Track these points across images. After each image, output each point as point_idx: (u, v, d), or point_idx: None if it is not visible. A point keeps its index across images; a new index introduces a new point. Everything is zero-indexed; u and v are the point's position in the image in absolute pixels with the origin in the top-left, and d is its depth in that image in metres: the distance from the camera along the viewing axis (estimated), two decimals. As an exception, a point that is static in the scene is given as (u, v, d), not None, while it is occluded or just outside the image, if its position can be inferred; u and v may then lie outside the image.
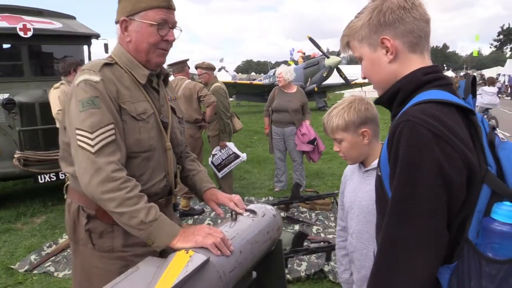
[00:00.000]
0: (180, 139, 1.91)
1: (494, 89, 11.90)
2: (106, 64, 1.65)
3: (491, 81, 12.55)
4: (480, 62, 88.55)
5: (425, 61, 1.22)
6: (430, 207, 1.02)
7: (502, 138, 1.14)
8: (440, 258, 1.05)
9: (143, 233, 1.49)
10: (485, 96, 11.52)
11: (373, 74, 1.27)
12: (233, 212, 1.75)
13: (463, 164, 1.03)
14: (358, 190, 1.91)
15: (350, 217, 1.96)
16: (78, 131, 1.51)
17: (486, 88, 11.93)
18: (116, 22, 1.71)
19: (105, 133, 1.51)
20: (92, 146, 1.49)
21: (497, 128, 1.19)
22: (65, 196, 1.73)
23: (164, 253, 1.65)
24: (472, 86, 1.21)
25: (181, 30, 1.76)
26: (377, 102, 1.32)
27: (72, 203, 1.71)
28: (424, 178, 1.02)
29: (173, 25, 1.69)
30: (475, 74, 29.17)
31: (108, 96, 1.56)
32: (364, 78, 1.33)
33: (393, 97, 1.23)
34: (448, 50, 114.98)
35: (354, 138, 1.82)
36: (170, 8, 1.67)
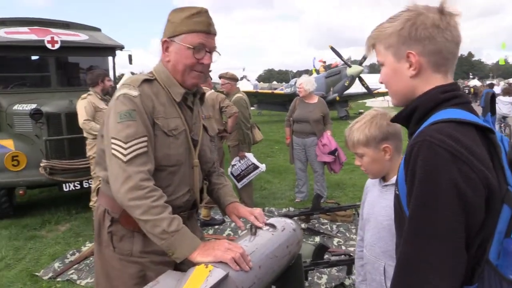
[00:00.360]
0: (209, 157, 1.95)
1: (509, 99, 12.16)
2: (146, 80, 1.74)
3: (507, 91, 12.65)
4: (506, 70, 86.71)
5: (447, 80, 1.19)
6: (447, 228, 1.00)
7: None
8: (458, 279, 1.03)
9: (164, 242, 1.54)
10: (501, 105, 11.78)
11: (392, 83, 1.25)
12: (253, 226, 1.75)
13: (481, 184, 1.01)
14: (375, 204, 1.90)
15: (367, 229, 1.96)
16: (113, 140, 1.61)
17: (502, 97, 12.21)
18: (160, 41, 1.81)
19: (138, 144, 1.60)
20: (125, 155, 1.58)
21: None
22: (91, 203, 1.80)
23: (181, 264, 1.67)
24: (491, 103, 1.19)
25: (219, 54, 1.82)
26: (394, 120, 1.30)
27: (100, 206, 1.81)
28: (441, 199, 1.00)
29: (211, 49, 1.76)
30: (502, 82, 28.49)
31: (144, 110, 1.65)
32: (381, 82, 1.31)
33: (411, 115, 1.21)
34: (473, 59, 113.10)
35: (376, 154, 1.80)
36: (210, 33, 1.74)
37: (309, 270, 3.58)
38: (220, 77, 6.08)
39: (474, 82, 41.31)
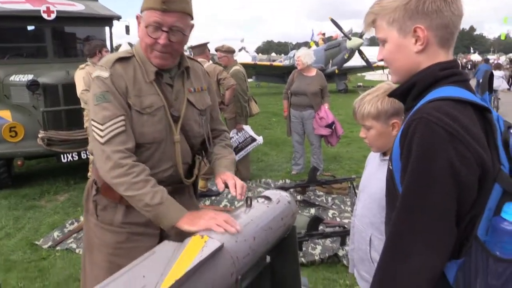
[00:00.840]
0: (197, 131, 1.92)
1: (500, 73, 13.81)
2: (120, 59, 1.73)
3: (497, 66, 14.59)
4: (508, 45, 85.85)
5: (449, 57, 1.19)
6: (440, 205, 1.03)
7: None
8: (447, 254, 1.06)
9: (149, 214, 1.62)
10: (498, 79, 13.00)
11: (396, 59, 1.22)
12: (248, 198, 1.79)
13: (476, 163, 1.03)
14: (372, 176, 1.93)
15: (359, 199, 2.00)
16: (92, 122, 1.67)
17: (494, 71, 13.30)
18: None
19: (114, 125, 1.64)
20: (102, 137, 1.63)
21: None
22: (89, 174, 1.85)
23: (167, 237, 1.73)
24: (489, 82, 1.20)
25: (184, 34, 1.73)
26: (391, 95, 1.30)
27: (91, 176, 1.90)
28: (435, 177, 1.02)
29: (169, 27, 1.67)
30: (503, 57, 28.29)
31: (117, 91, 1.68)
32: (381, 60, 1.29)
33: (408, 91, 1.21)
34: (475, 33, 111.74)
35: (384, 128, 1.80)
36: (166, 11, 1.64)
37: (304, 241, 3.66)
38: (217, 50, 6.05)
39: (475, 57, 40.97)
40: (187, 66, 1.88)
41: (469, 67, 22.36)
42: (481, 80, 1.24)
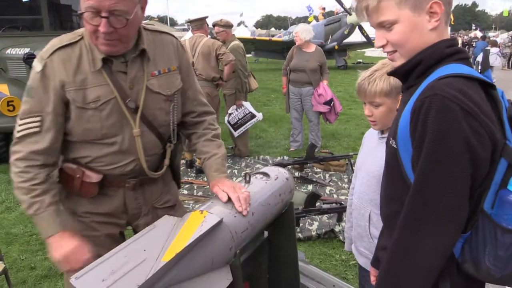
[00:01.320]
0: (163, 119, 1.73)
1: (495, 50, 14.73)
2: (63, 47, 1.55)
3: (493, 43, 15.44)
4: (510, 22, 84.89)
5: (448, 35, 1.20)
6: (457, 181, 1.05)
7: None
8: (460, 229, 1.09)
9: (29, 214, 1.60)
10: (494, 56, 13.83)
11: (410, 40, 1.16)
12: (247, 174, 1.81)
13: (489, 139, 1.05)
14: (370, 154, 1.94)
15: (358, 176, 2.01)
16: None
17: (491, 48, 14.49)
18: None
19: (28, 124, 1.56)
20: (18, 132, 1.58)
21: None
22: None
23: (138, 227, 1.79)
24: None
25: (127, 19, 1.47)
26: (392, 73, 1.28)
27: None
28: (452, 153, 1.03)
29: (109, 13, 1.43)
30: (506, 35, 28.01)
31: (44, 88, 1.54)
32: (381, 46, 1.22)
33: (412, 68, 1.19)
34: (477, 9, 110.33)
35: (393, 104, 1.77)
36: None
37: (301, 217, 3.71)
38: (214, 24, 5.97)
39: (476, 33, 40.60)
40: (143, 48, 1.62)
41: (474, 45, 19.95)
42: (479, 57, 1.24)
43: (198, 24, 5.56)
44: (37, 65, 1.55)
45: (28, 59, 5.56)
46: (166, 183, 1.91)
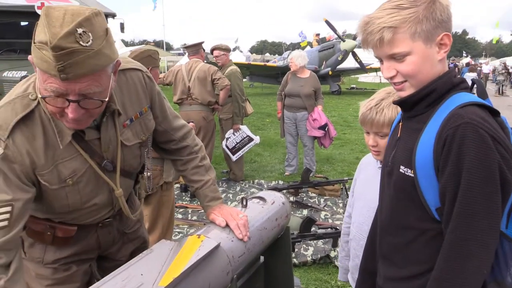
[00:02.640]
0: (138, 164, 1.68)
1: (473, 75, 18.79)
2: (22, 120, 1.30)
3: (472, 69, 19.89)
4: (499, 50, 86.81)
5: None
6: (496, 207, 1.09)
7: None
8: (493, 252, 1.12)
9: None
10: (468, 80, 16.79)
11: (422, 71, 1.18)
12: (244, 199, 1.81)
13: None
14: (369, 183, 1.90)
15: (356, 207, 1.99)
16: None
17: (468, 73, 18.40)
18: None
19: None
20: None
21: None
22: None
23: (110, 255, 1.75)
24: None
25: (102, 101, 1.28)
26: (401, 102, 1.27)
27: None
28: (491, 181, 1.07)
29: (79, 96, 1.22)
30: (497, 62, 28.66)
31: (10, 174, 1.30)
32: (391, 77, 1.21)
33: (423, 97, 1.21)
34: (467, 37, 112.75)
35: None
36: (68, 79, 1.16)
37: (296, 242, 3.69)
38: (215, 48, 6.06)
39: (467, 61, 41.44)
40: (113, 110, 1.45)
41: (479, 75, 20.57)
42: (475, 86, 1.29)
43: (194, 49, 5.65)
44: None
45: (25, 82, 5.59)
46: (132, 203, 1.82)
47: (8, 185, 1.29)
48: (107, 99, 1.29)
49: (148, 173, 1.83)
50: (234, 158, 5.92)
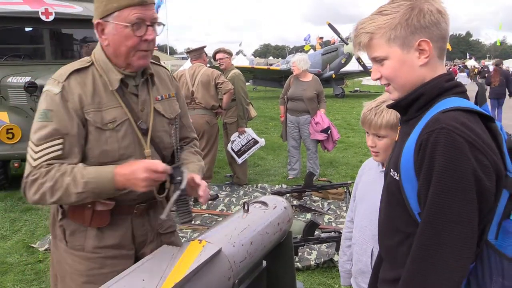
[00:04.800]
0: (167, 142, 1.78)
1: (463, 74, 23.39)
2: (77, 70, 1.60)
3: (462, 70, 24.99)
4: (503, 51, 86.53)
5: (444, 68, 1.24)
6: (465, 213, 1.06)
7: None
8: (470, 261, 1.10)
9: (89, 199, 1.52)
10: (460, 78, 20.25)
11: (401, 75, 1.21)
12: (246, 204, 1.82)
13: (493, 171, 1.07)
14: (371, 187, 1.91)
15: (358, 211, 1.99)
16: (29, 142, 1.54)
17: (460, 73, 23.26)
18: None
19: (49, 148, 1.50)
20: (34, 160, 1.50)
21: None
22: None
23: (143, 256, 1.67)
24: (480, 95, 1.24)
25: (163, 25, 1.66)
26: (393, 106, 1.30)
27: None
28: (461, 186, 1.05)
29: (151, 21, 1.58)
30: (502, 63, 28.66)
31: (64, 109, 1.53)
32: (377, 79, 1.27)
33: (413, 102, 1.22)
34: (471, 39, 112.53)
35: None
36: (145, 3, 1.55)
37: (300, 246, 3.68)
38: (218, 51, 6.09)
39: (471, 63, 41.29)
40: (151, 73, 1.73)
41: (486, 75, 16.90)
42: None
43: (196, 54, 5.67)
44: (53, 88, 1.55)
45: (29, 88, 5.62)
46: (158, 209, 1.86)
47: (60, 121, 1.52)
48: (164, 25, 1.67)
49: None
50: (239, 161, 5.93)
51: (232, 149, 5.88)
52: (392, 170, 1.24)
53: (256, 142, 5.95)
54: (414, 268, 1.14)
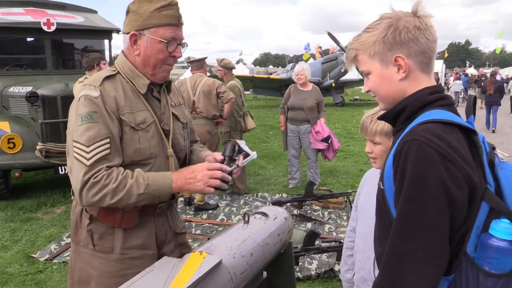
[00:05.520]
0: (182, 145, 1.95)
1: (459, 82, 24.18)
2: (108, 77, 1.73)
3: (457, 77, 26.55)
4: (503, 59, 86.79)
5: (431, 81, 1.26)
6: (435, 224, 1.07)
7: (501, 158, 1.19)
8: (441, 270, 1.10)
9: (145, 200, 1.64)
10: (455, 86, 22.98)
11: (382, 89, 1.29)
12: (246, 215, 1.82)
13: (465, 182, 1.08)
14: (372, 195, 1.94)
15: (360, 219, 2.01)
16: (75, 144, 1.60)
17: (455, 81, 24.78)
18: (124, 33, 1.76)
19: (100, 147, 1.60)
20: (88, 159, 1.58)
21: (497, 149, 1.24)
22: (72, 197, 1.78)
23: (164, 255, 1.74)
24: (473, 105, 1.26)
25: (187, 45, 1.83)
26: (381, 118, 1.35)
27: (77, 205, 1.78)
28: (429, 196, 1.06)
29: (180, 41, 1.76)
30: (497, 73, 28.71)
31: (106, 111, 1.64)
32: (367, 91, 1.35)
33: (398, 114, 1.27)
34: (470, 47, 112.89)
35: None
36: (180, 25, 1.75)
37: (300, 256, 3.68)
38: (217, 62, 6.14)
39: (471, 71, 41.37)
40: (169, 81, 1.91)
41: (483, 84, 15.83)
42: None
43: (198, 64, 5.71)
44: (92, 92, 1.65)
45: (31, 97, 5.65)
46: (176, 210, 2.03)
47: (105, 122, 1.63)
48: (187, 46, 1.84)
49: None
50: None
51: None
52: (379, 180, 1.28)
53: (247, 155, 5.94)
54: (384, 275, 1.16)
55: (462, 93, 22.96)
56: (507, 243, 1.06)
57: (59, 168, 5.76)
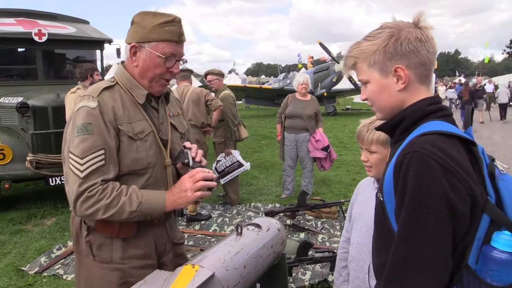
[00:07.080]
0: None
1: (452, 90, 25.99)
2: (106, 88, 1.74)
3: (450, 86, 28.48)
4: (492, 68, 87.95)
5: (429, 93, 1.26)
6: (437, 237, 1.06)
7: (501, 170, 1.19)
8: (442, 283, 1.09)
9: (137, 218, 1.65)
10: (448, 93, 24.91)
11: (380, 99, 1.28)
12: (239, 227, 1.81)
13: (467, 194, 1.07)
14: (366, 204, 1.94)
15: (355, 228, 2.00)
16: (71, 155, 1.62)
17: (449, 90, 26.50)
18: (126, 43, 1.78)
19: (94, 159, 1.60)
20: (81, 172, 1.59)
21: (496, 160, 1.23)
22: (70, 208, 1.75)
23: (164, 266, 1.81)
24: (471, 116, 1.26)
25: (186, 61, 1.86)
26: (379, 128, 1.34)
27: (76, 216, 1.78)
28: (431, 208, 1.06)
29: (180, 57, 1.78)
30: (490, 80, 29.17)
31: (103, 122, 1.65)
32: (364, 100, 1.34)
33: (397, 125, 1.26)
34: (459, 56, 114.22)
35: (388, 154, 1.84)
36: (181, 42, 1.75)
37: (294, 267, 3.65)
38: (208, 73, 6.13)
39: (463, 80, 41.98)
40: (167, 92, 1.92)
41: (480, 96, 18.75)
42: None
43: (184, 75, 5.75)
44: (90, 103, 1.66)
45: (21, 108, 5.61)
46: (174, 219, 2.03)
47: (100, 133, 1.63)
48: (186, 62, 1.88)
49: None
50: (222, 181, 5.95)
51: (216, 169, 5.87)
52: (378, 191, 1.27)
53: (240, 165, 5.94)
54: (385, 283, 1.14)
55: (457, 101, 23.55)
56: (509, 255, 1.06)
57: (50, 179, 5.68)
